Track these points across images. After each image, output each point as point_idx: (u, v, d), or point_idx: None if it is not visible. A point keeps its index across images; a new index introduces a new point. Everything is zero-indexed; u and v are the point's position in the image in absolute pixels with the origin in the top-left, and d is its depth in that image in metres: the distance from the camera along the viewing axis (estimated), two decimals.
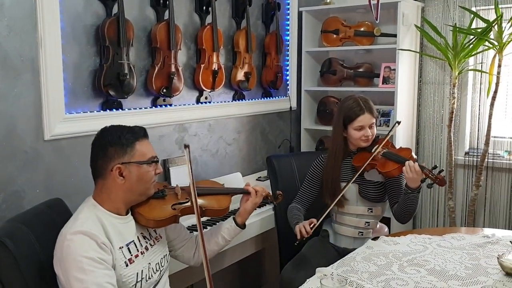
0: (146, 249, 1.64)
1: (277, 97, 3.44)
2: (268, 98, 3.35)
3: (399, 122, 2.34)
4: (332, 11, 3.56)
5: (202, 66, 2.70)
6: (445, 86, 3.35)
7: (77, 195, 2.03)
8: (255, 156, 3.29)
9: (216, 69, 2.77)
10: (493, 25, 2.87)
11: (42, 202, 1.74)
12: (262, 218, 2.57)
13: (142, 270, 1.58)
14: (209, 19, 2.74)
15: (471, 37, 3.00)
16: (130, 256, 1.56)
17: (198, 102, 2.79)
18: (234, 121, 3.08)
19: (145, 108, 2.49)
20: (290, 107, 3.50)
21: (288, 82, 3.54)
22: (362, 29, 3.44)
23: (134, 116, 2.38)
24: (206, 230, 2.05)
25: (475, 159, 3.25)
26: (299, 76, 3.59)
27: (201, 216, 1.70)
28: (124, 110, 2.36)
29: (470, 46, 2.99)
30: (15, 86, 1.92)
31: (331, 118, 2.47)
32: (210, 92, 2.82)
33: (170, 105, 2.60)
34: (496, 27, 2.87)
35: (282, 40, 3.34)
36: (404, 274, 1.78)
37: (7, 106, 1.90)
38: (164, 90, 2.47)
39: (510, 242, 2.05)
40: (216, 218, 2.30)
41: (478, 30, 2.98)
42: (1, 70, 1.88)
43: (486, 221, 3.30)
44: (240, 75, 3.00)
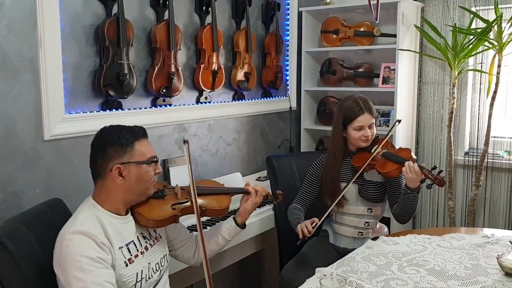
0: (146, 249, 1.64)
1: (277, 97, 3.44)
2: (268, 98, 3.35)
3: (400, 121, 2.33)
4: (332, 11, 3.56)
5: (202, 66, 2.70)
6: (445, 86, 3.35)
7: (76, 195, 2.03)
8: (255, 156, 3.29)
9: (216, 69, 2.77)
10: (492, 25, 2.87)
11: (41, 202, 1.74)
12: (262, 218, 2.57)
13: (142, 270, 1.58)
14: (209, 19, 2.74)
15: (471, 37, 3.00)
16: (130, 256, 1.56)
17: (198, 102, 2.79)
18: (234, 121, 3.08)
19: (144, 108, 2.49)
20: (290, 107, 3.50)
21: (288, 82, 3.54)
22: (362, 29, 3.44)
23: (134, 116, 2.38)
24: (206, 230, 2.05)
25: (475, 159, 3.25)
26: (299, 76, 3.59)
27: (201, 216, 1.70)
28: (124, 110, 2.36)
29: (470, 46, 2.99)
30: (15, 86, 1.92)
31: (331, 118, 2.47)
32: (210, 92, 2.82)
33: (170, 105, 2.60)
34: (495, 27, 2.87)
35: (282, 40, 3.34)
36: (403, 274, 1.78)
37: (7, 106, 1.90)
38: (164, 90, 2.47)
39: (510, 242, 2.05)
40: (216, 218, 2.30)
41: (478, 30, 2.98)
42: (0, 70, 1.88)
43: (485, 221, 3.30)
44: (240, 75, 3.00)
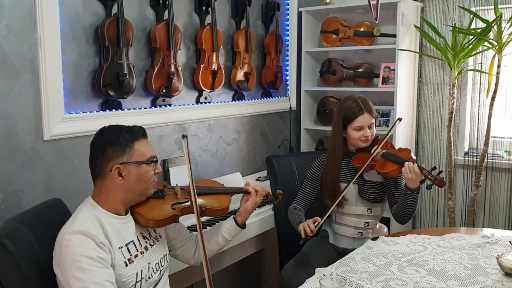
0: (146, 249, 1.64)
1: (276, 97, 3.44)
2: (267, 98, 3.35)
3: (401, 119, 2.32)
4: (331, 11, 3.56)
5: (201, 66, 2.70)
6: (444, 86, 3.35)
7: (76, 195, 2.03)
8: (255, 156, 3.29)
9: (215, 69, 2.77)
10: (492, 25, 2.87)
11: (41, 202, 1.74)
12: (262, 218, 2.57)
13: (141, 270, 1.58)
14: (208, 19, 2.74)
15: (471, 37, 3.00)
16: (130, 256, 1.56)
17: (197, 102, 2.79)
18: (234, 121, 3.08)
19: (144, 108, 2.49)
20: (290, 107, 3.49)
21: (287, 82, 3.54)
22: (361, 29, 3.44)
23: (134, 116, 2.38)
24: (206, 230, 2.05)
25: (475, 159, 3.25)
26: (299, 76, 3.59)
27: (201, 215, 1.69)
28: (123, 110, 2.36)
29: (470, 46, 2.99)
30: (15, 86, 1.92)
31: (331, 118, 2.47)
32: (209, 92, 2.82)
33: (170, 105, 2.60)
34: (495, 27, 2.87)
35: (281, 40, 3.34)
36: (403, 274, 1.78)
37: (7, 106, 1.90)
38: (163, 90, 2.47)
39: (510, 242, 2.06)
40: (216, 217, 2.30)
41: (478, 30, 2.98)
42: (0, 70, 1.88)
43: (485, 221, 3.30)
44: (239, 75, 3.00)
